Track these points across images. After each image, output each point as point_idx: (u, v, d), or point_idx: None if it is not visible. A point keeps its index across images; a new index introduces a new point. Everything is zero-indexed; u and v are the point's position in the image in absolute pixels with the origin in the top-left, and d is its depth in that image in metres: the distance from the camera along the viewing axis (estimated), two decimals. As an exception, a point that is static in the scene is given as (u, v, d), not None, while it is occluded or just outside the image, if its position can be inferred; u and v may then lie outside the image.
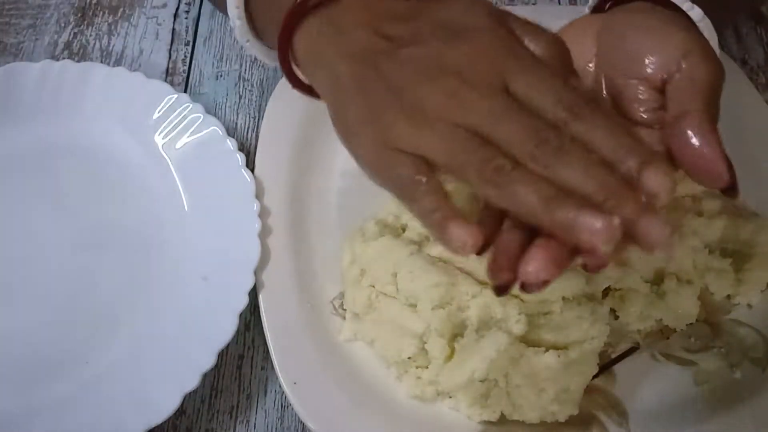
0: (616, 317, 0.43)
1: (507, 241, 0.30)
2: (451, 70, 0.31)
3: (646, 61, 0.35)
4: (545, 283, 0.29)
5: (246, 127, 0.53)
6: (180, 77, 0.56)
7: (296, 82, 0.39)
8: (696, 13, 0.38)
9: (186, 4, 0.60)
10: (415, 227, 0.44)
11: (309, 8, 0.36)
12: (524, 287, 0.29)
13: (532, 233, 0.29)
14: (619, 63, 0.36)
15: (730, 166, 0.31)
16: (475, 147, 0.29)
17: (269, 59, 0.45)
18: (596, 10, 0.41)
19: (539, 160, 0.29)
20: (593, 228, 0.26)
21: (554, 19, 0.38)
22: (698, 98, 0.33)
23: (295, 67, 0.38)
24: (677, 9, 0.38)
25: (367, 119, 0.32)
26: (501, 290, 0.30)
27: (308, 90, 0.39)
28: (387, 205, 0.46)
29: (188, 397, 0.40)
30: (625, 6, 0.39)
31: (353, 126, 0.33)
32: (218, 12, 0.59)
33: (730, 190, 0.32)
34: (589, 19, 0.40)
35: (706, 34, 0.37)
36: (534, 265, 0.28)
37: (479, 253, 0.29)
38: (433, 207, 0.30)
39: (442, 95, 0.31)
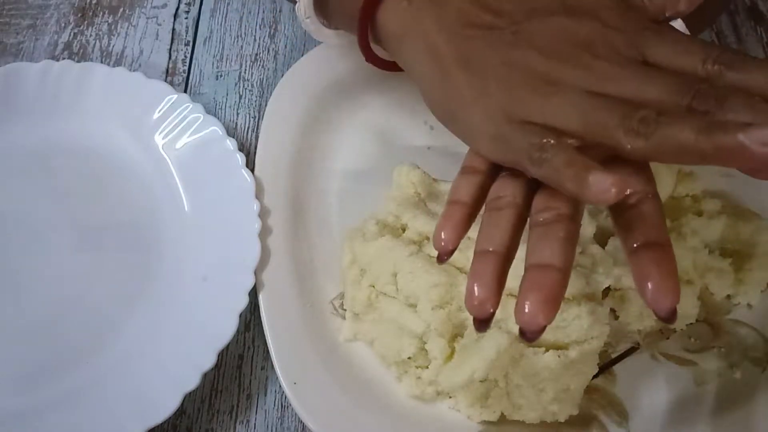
0: (616, 317, 0.43)
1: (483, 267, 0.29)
2: (580, 45, 0.30)
3: None
4: (544, 329, 0.27)
5: (246, 127, 0.53)
6: (180, 77, 0.56)
7: (372, 57, 0.38)
8: (678, 25, 0.37)
9: (186, 4, 0.60)
10: (415, 227, 0.44)
11: None
12: (523, 335, 0.27)
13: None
14: None
15: None
16: (615, 105, 0.28)
17: (327, 38, 0.43)
18: None
19: (699, 109, 0.27)
20: None
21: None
22: None
23: (372, 44, 0.37)
24: None
25: (480, 93, 0.31)
26: (483, 325, 0.29)
27: (387, 65, 0.37)
28: (387, 205, 0.46)
29: (188, 397, 0.40)
30: None
31: (462, 101, 0.32)
32: (218, 12, 0.59)
33: None
34: None
35: None
36: (531, 306, 0.27)
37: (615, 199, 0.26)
38: (567, 161, 0.27)
39: (574, 68, 0.29)
